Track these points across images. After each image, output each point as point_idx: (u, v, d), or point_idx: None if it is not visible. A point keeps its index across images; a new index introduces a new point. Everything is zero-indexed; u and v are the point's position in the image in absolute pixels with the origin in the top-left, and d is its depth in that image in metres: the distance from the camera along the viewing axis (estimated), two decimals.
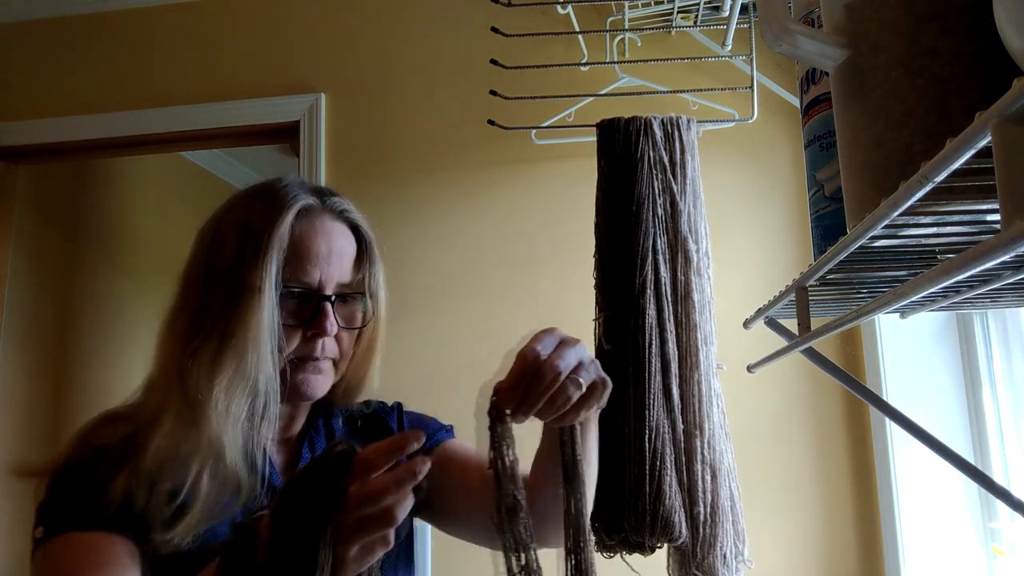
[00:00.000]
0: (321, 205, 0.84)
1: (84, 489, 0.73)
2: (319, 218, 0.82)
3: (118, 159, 2.82)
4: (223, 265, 0.78)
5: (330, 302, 0.81)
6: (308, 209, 0.81)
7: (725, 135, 1.78)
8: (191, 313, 0.79)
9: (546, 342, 0.63)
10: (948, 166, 0.37)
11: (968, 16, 0.45)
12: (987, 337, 1.44)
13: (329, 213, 0.84)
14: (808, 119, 0.71)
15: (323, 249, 0.81)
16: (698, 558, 1.09)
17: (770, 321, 0.86)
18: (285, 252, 0.78)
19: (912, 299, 0.54)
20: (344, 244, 0.84)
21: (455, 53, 1.97)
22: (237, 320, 0.74)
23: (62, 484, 0.76)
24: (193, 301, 0.80)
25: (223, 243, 0.80)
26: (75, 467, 0.76)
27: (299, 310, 0.80)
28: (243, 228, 0.79)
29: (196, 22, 2.13)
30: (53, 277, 2.62)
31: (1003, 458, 1.38)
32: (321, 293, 0.81)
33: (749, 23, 1.64)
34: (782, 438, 1.68)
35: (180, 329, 0.79)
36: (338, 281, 0.83)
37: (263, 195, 0.83)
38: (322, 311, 0.80)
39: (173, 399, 0.75)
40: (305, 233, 0.80)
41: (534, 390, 0.60)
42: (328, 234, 0.82)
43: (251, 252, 0.76)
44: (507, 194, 1.89)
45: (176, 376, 0.76)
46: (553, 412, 0.62)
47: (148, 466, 0.72)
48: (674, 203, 1.17)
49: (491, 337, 1.82)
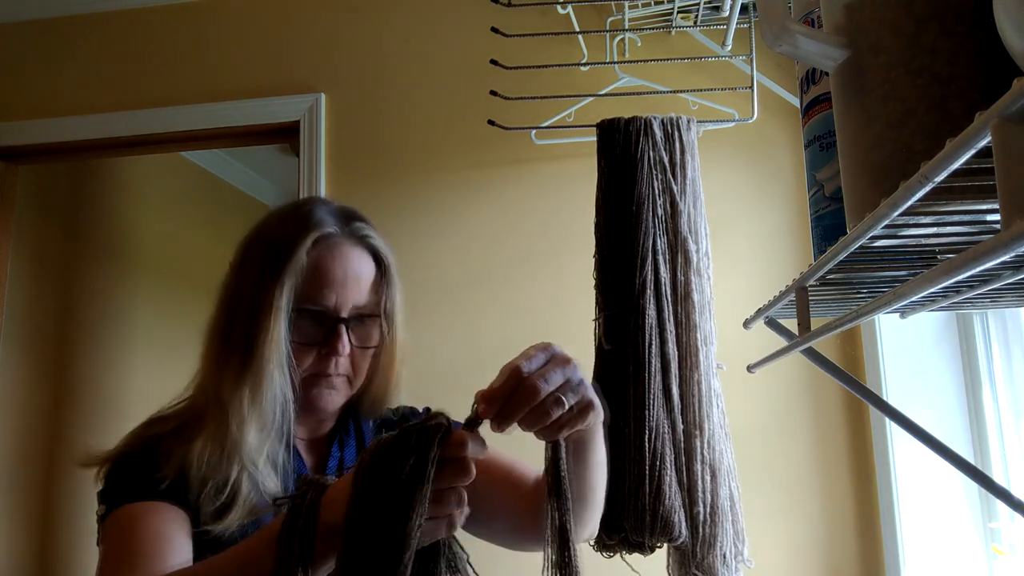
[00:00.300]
0: (340, 231, 0.89)
1: (138, 470, 0.81)
2: (338, 244, 0.88)
3: (118, 159, 2.82)
4: (248, 283, 0.86)
5: (344, 324, 0.87)
6: (327, 236, 0.87)
7: (725, 135, 1.78)
8: (223, 325, 0.87)
9: (536, 359, 0.64)
10: (948, 166, 0.37)
11: (968, 16, 0.45)
12: (987, 337, 1.44)
13: (349, 239, 0.89)
14: (808, 119, 0.71)
15: (339, 274, 0.87)
16: (698, 558, 1.09)
17: (770, 321, 0.86)
18: (303, 276, 0.84)
19: (912, 299, 0.54)
20: (362, 268, 0.89)
21: (455, 53, 1.97)
22: (255, 337, 0.82)
23: (118, 470, 0.84)
24: (225, 314, 0.87)
25: (249, 262, 0.88)
26: (129, 455, 0.84)
27: (315, 330, 0.87)
28: (266, 250, 0.86)
29: (196, 22, 2.13)
30: (53, 277, 2.62)
31: (1003, 458, 1.38)
32: (336, 315, 0.87)
33: (749, 23, 1.64)
34: (782, 438, 1.68)
35: (214, 340, 0.87)
36: (354, 304, 0.88)
37: (289, 218, 0.89)
38: (336, 332, 0.86)
39: (210, 404, 0.84)
40: (323, 258, 0.86)
41: (514, 403, 0.61)
42: (346, 259, 0.88)
43: (269, 276, 0.84)
44: (507, 194, 1.89)
45: (211, 384, 0.85)
46: (532, 427, 0.64)
47: (195, 460, 0.80)
48: (674, 203, 1.17)
49: (491, 337, 1.82)
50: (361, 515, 0.57)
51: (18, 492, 2.40)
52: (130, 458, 0.84)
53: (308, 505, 0.61)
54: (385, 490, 0.57)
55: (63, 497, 2.58)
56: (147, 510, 0.78)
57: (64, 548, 2.57)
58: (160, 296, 3.09)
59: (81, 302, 2.74)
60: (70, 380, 2.67)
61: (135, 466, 0.82)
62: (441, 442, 0.58)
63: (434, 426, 0.59)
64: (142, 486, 0.80)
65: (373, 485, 0.57)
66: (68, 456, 2.61)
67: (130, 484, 0.81)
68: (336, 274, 0.86)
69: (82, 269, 2.76)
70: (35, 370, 2.50)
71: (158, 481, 0.79)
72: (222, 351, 0.85)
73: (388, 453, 0.58)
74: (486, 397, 0.62)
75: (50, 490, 2.54)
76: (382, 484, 0.57)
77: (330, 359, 0.87)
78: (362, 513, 0.57)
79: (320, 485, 0.63)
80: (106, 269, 2.85)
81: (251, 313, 0.83)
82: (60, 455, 2.59)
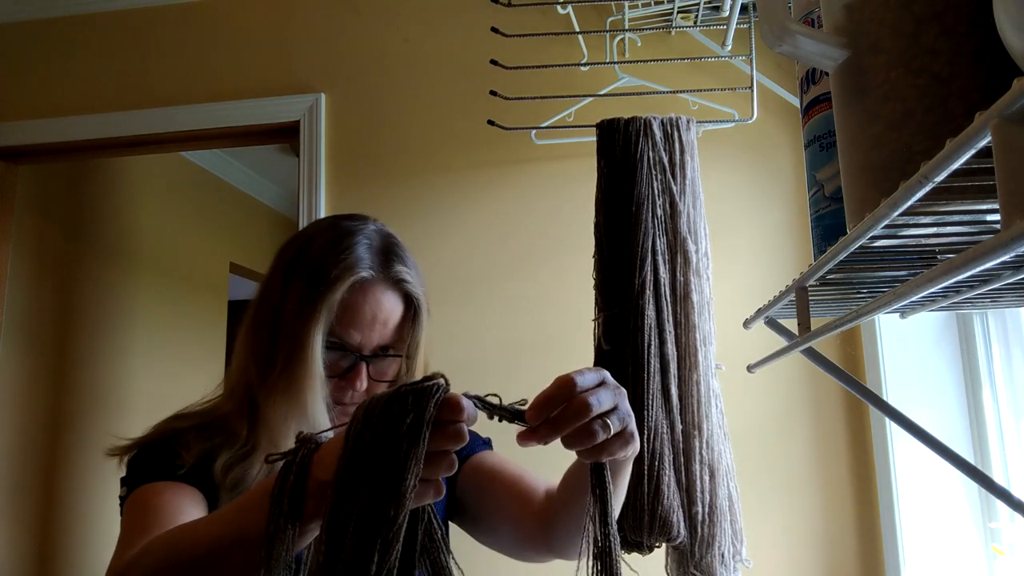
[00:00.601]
0: (377, 274, 0.90)
1: (160, 456, 0.86)
2: (371, 288, 0.90)
3: (118, 159, 2.82)
4: (289, 311, 0.88)
5: (366, 361, 0.90)
6: (363, 280, 0.89)
7: (725, 135, 1.78)
8: (266, 347, 0.88)
9: (588, 376, 0.63)
10: (948, 166, 0.37)
11: (968, 16, 0.45)
12: (987, 337, 1.44)
13: (384, 282, 0.91)
14: (808, 119, 0.70)
15: (368, 317, 0.89)
16: (696, 557, 1.09)
17: (770, 321, 0.86)
18: (335, 312, 0.87)
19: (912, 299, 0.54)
20: (391, 311, 0.91)
21: (455, 53, 1.97)
22: (298, 370, 0.85)
23: (140, 456, 0.88)
24: (267, 337, 0.89)
25: (291, 288, 0.89)
26: (151, 444, 0.89)
27: (337, 362, 0.90)
28: (306, 281, 0.88)
29: (196, 22, 2.13)
30: (53, 277, 2.62)
31: (1003, 458, 1.38)
32: (358, 353, 0.90)
33: (749, 23, 1.64)
34: (782, 438, 1.68)
35: (257, 358, 0.89)
36: (378, 344, 0.91)
37: (331, 250, 0.90)
38: (355, 370, 0.90)
39: (244, 415, 0.88)
40: (355, 299, 0.89)
41: (563, 416, 0.60)
42: (377, 303, 0.90)
43: (307, 310, 0.86)
44: (507, 194, 1.89)
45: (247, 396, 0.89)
46: (576, 445, 0.62)
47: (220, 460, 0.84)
48: (673, 203, 1.17)
49: (490, 337, 1.82)
50: (351, 472, 0.55)
51: (18, 491, 2.39)
52: (152, 446, 0.89)
53: (299, 462, 0.60)
54: (378, 448, 0.55)
55: (63, 496, 2.58)
56: (165, 488, 0.82)
57: (64, 548, 2.57)
58: (160, 296, 3.09)
59: (81, 302, 2.74)
60: (70, 380, 2.67)
61: (156, 453, 0.87)
62: (438, 404, 0.57)
63: (432, 386, 0.57)
64: (161, 469, 0.84)
65: (365, 442, 0.56)
66: (68, 455, 2.61)
67: (150, 467, 0.85)
68: (366, 316, 0.89)
69: (82, 269, 2.76)
70: (35, 370, 2.50)
71: (177, 467, 0.84)
72: (264, 371, 0.87)
73: (382, 411, 0.56)
74: (536, 404, 0.61)
75: (50, 490, 2.54)
76: (375, 442, 0.55)
77: (347, 390, 0.90)
78: (353, 470, 0.55)
79: (314, 442, 0.62)
80: (106, 269, 2.85)
81: (292, 341, 0.86)
82: (60, 454, 2.59)
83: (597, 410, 0.61)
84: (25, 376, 2.45)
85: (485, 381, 1.79)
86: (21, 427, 2.43)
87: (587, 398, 0.61)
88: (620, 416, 0.64)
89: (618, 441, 0.64)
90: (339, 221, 0.96)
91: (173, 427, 0.90)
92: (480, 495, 0.97)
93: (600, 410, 0.61)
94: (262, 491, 0.62)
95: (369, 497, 0.54)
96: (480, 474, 0.98)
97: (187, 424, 0.90)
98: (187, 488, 0.83)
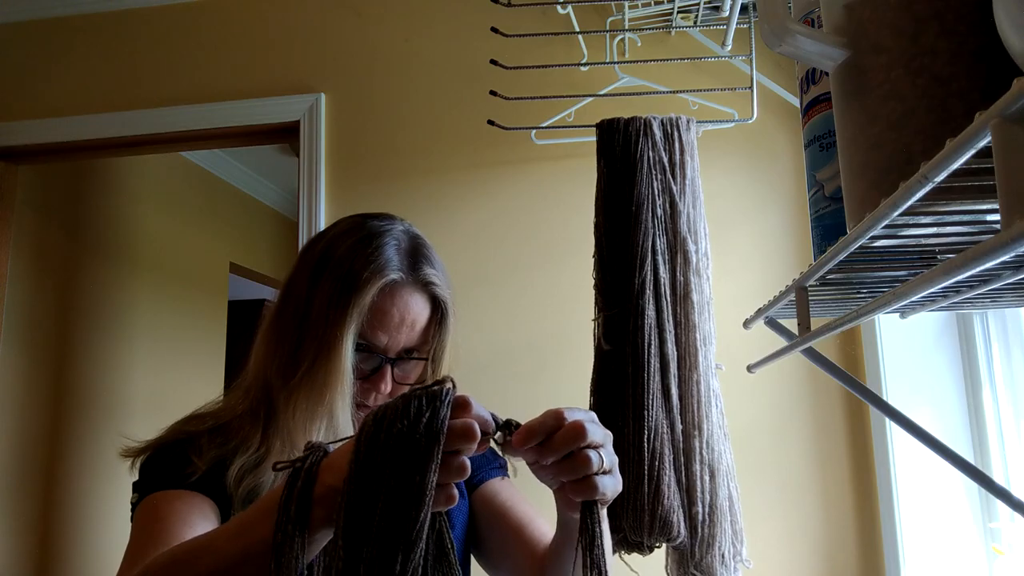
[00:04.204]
0: (406, 277, 0.89)
1: (171, 462, 0.84)
2: (399, 290, 0.88)
3: (118, 159, 2.82)
4: (317, 311, 0.86)
5: (391, 363, 0.89)
6: (392, 283, 0.88)
7: (725, 135, 1.78)
8: (292, 348, 0.86)
9: (576, 412, 0.63)
10: (948, 166, 0.37)
11: (968, 16, 0.44)
12: (987, 337, 1.44)
13: (413, 285, 0.90)
14: (808, 119, 0.70)
15: (396, 319, 0.88)
16: (696, 558, 1.09)
17: (770, 321, 0.86)
18: (364, 315, 0.86)
19: (912, 299, 0.54)
20: (418, 314, 0.90)
21: (455, 53, 1.97)
22: (326, 373, 0.83)
23: (152, 461, 0.87)
24: (295, 339, 0.87)
25: (319, 288, 0.87)
26: (163, 447, 0.87)
27: (363, 363, 0.89)
28: (335, 283, 0.86)
29: (196, 22, 2.13)
30: (53, 277, 2.62)
31: (1003, 458, 1.38)
32: (384, 355, 0.89)
33: (749, 23, 1.64)
34: (782, 438, 1.68)
35: (283, 359, 0.87)
36: (404, 346, 0.90)
37: (360, 251, 0.88)
38: (380, 372, 0.89)
39: (259, 412, 0.87)
40: (384, 302, 0.87)
41: (558, 440, 0.60)
42: (405, 306, 0.89)
43: (336, 312, 0.84)
44: (507, 194, 1.89)
45: (267, 398, 0.87)
46: (569, 473, 0.61)
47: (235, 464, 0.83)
48: (673, 203, 1.17)
49: (490, 336, 1.82)
50: (367, 474, 0.54)
51: (18, 492, 2.40)
52: (164, 450, 0.87)
53: (308, 468, 0.60)
54: (395, 448, 0.54)
55: (63, 496, 2.58)
56: (175, 497, 0.81)
57: (64, 547, 2.57)
58: (160, 296, 3.09)
59: (81, 302, 2.74)
60: (70, 380, 2.67)
61: (168, 458, 0.85)
62: (450, 404, 0.56)
63: (442, 388, 0.57)
64: (173, 476, 0.83)
65: (380, 443, 0.55)
66: (68, 455, 2.61)
67: (162, 474, 0.84)
68: (393, 319, 0.88)
69: (82, 269, 2.77)
70: (35, 370, 2.50)
71: (189, 474, 0.82)
72: (287, 372, 0.85)
73: (395, 414, 0.56)
74: (526, 429, 0.60)
75: (50, 490, 2.54)
76: (390, 442, 0.55)
77: (371, 393, 0.89)
78: (369, 472, 0.54)
79: (322, 450, 0.61)
80: (106, 269, 2.85)
81: (319, 342, 0.84)
82: (60, 455, 2.59)
83: (590, 439, 0.60)
84: (25, 376, 2.45)
85: (485, 380, 1.79)
86: (21, 427, 2.43)
87: (580, 426, 0.60)
88: (608, 454, 0.63)
89: (609, 478, 0.63)
90: (366, 220, 0.93)
91: (186, 430, 0.88)
92: (488, 531, 0.96)
93: (591, 440, 0.61)
94: (266, 506, 0.61)
95: (389, 498, 0.54)
96: (491, 508, 0.96)
97: (201, 427, 0.88)
98: (198, 497, 0.81)
